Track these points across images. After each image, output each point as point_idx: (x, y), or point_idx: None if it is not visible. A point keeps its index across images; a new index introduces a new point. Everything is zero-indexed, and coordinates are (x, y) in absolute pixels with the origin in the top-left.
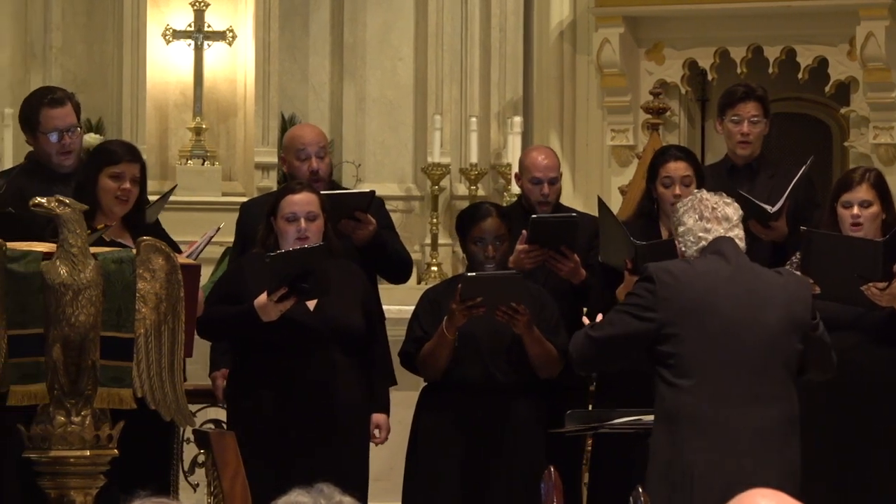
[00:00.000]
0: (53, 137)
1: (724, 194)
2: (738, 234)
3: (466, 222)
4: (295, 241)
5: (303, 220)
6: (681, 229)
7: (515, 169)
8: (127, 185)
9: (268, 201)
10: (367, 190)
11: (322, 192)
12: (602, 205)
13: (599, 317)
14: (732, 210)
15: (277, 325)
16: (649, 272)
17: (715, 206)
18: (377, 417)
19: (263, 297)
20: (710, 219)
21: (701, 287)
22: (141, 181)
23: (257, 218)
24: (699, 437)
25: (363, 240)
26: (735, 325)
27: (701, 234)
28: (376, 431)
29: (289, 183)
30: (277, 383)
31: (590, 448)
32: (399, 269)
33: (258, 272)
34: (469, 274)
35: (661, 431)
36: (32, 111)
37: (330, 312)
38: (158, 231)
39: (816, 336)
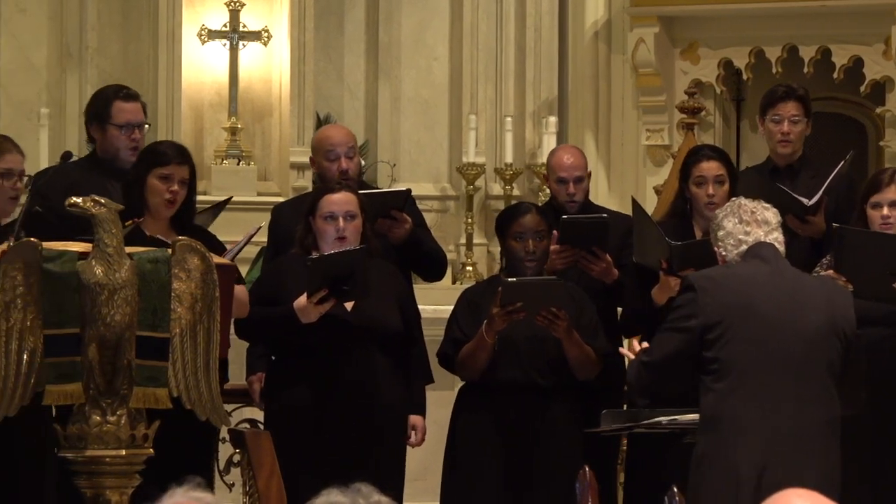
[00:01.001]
0: (125, 131)
1: (762, 201)
2: (777, 237)
3: (506, 219)
4: (333, 241)
5: (341, 220)
6: (720, 234)
7: None
8: (175, 186)
9: (300, 202)
10: (403, 188)
11: (359, 191)
12: (636, 205)
13: (644, 344)
14: (772, 214)
15: (316, 325)
16: (689, 281)
17: (754, 210)
18: (414, 419)
19: (303, 299)
20: (749, 222)
21: (740, 290)
22: (190, 183)
23: (290, 220)
24: (742, 438)
25: (399, 238)
26: (776, 326)
27: (741, 238)
28: (412, 433)
29: (328, 182)
30: (315, 383)
31: (625, 448)
32: (434, 267)
33: (297, 273)
34: (510, 279)
35: (705, 434)
36: (105, 103)
37: (368, 312)
38: (206, 233)
39: (854, 357)
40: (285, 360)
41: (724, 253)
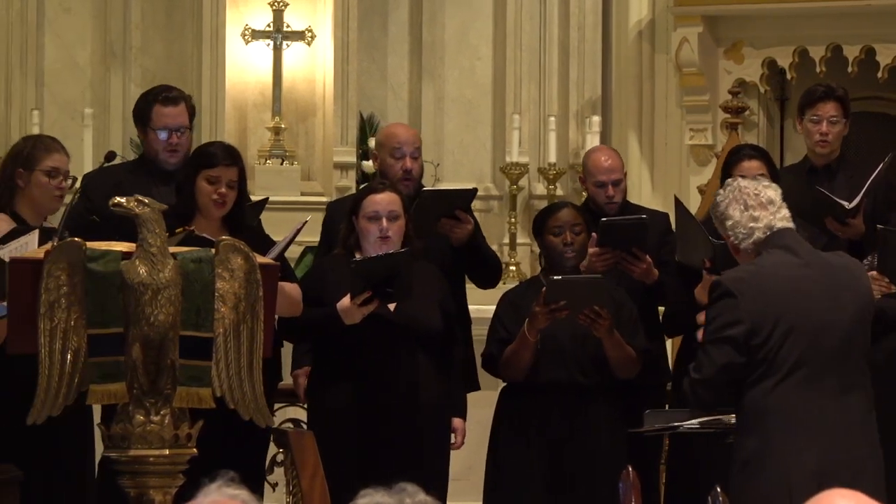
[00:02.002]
0: (162, 135)
1: (759, 178)
2: (785, 214)
3: (543, 217)
4: (376, 241)
5: (385, 220)
6: (728, 223)
7: None
8: (223, 188)
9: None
10: (470, 187)
11: (426, 188)
12: (679, 204)
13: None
14: (773, 191)
15: (358, 325)
16: (724, 287)
17: (756, 192)
18: (455, 421)
19: (346, 300)
20: (754, 206)
21: (774, 287)
22: (240, 184)
23: (344, 215)
24: (789, 431)
25: (461, 239)
26: (815, 318)
27: (751, 225)
28: (452, 435)
29: (371, 182)
30: (358, 382)
31: (667, 447)
32: (492, 273)
33: (340, 273)
34: (554, 277)
35: (749, 430)
36: (146, 106)
37: (410, 312)
38: (259, 232)
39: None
40: (328, 360)
41: (735, 242)
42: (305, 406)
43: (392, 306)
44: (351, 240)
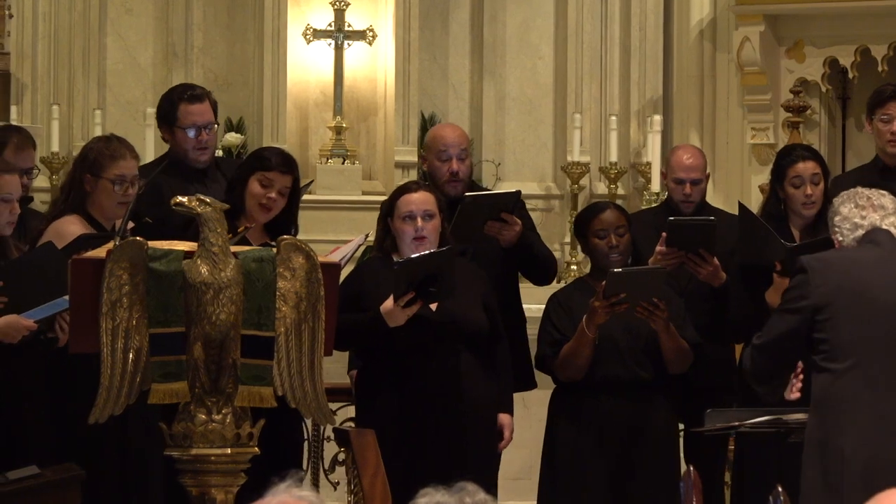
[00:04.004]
0: (191, 133)
1: (884, 192)
2: (893, 221)
3: (585, 219)
4: (412, 241)
5: (420, 219)
6: (837, 219)
7: (655, 168)
8: (273, 194)
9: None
10: (513, 190)
11: (469, 192)
12: (743, 208)
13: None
14: (888, 200)
15: (402, 326)
16: (801, 263)
17: (871, 195)
18: (501, 417)
19: (389, 302)
20: (865, 206)
21: (850, 272)
22: (291, 193)
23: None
24: (853, 420)
25: (509, 241)
26: (884, 309)
27: (857, 221)
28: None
29: (437, 182)
30: (404, 382)
31: (732, 448)
32: (545, 271)
33: (378, 276)
34: (615, 270)
35: (815, 416)
36: (172, 106)
37: (452, 311)
38: None
39: None
40: (373, 363)
41: (840, 238)
42: (355, 408)
43: (434, 305)
44: (387, 242)
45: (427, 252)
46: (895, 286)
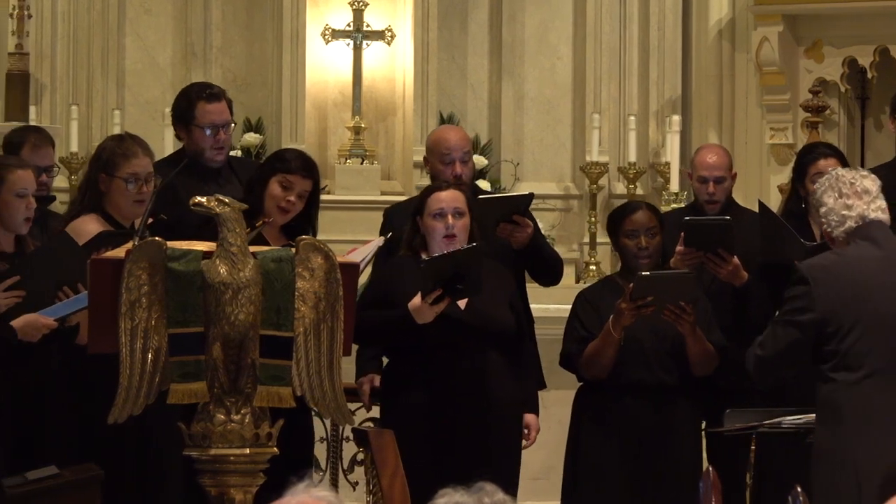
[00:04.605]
0: (209, 132)
1: (860, 168)
2: (880, 205)
3: (617, 218)
4: (442, 239)
5: (450, 217)
6: (822, 210)
7: (674, 168)
8: (293, 197)
9: (411, 204)
10: (526, 193)
11: (481, 195)
12: (763, 206)
13: None
14: (870, 182)
15: (429, 324)
16: (801, 273)
17: (853, 180)
18: (527, 418)
19: (418, 299)
20: (849, 195)
21: (854, 279)
22: (311, 197)
23: (402, 222)
24: (863, 429)
25: (522, 243)
26: (892, 313)
27: (844, 213)
28: (526, 432)
29: (436, 181)
30: (430, 382)
31: (753, 448)
32: (554, 272)
33: (407, 274)
34: (643, 273)
35: (825, 426)
36: (189, 105)
37: (480, 310)
38: None
39: None
40: (400, 361)
41: (828, 230)
42: (380, 406)
43: (462, 304)
44: (416, 241)
45: (453, 249)
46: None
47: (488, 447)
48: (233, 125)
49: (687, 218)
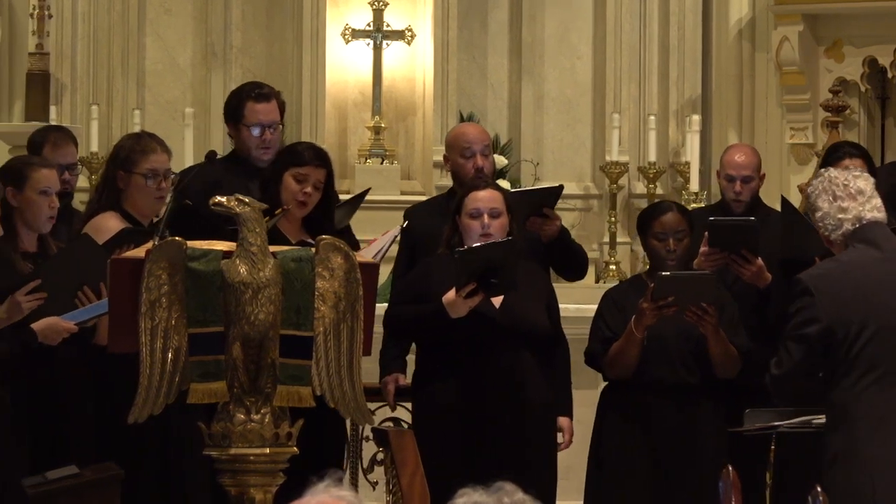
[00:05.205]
0: (255, 131)
1: (851, 167)
2: (875, 204)
3: (647, 219)
4: (478, 238)
5: (486, 216)
6: (818, 214)
7: (694, 167)
8: (309, 188)
9: (433, 204)
10: (556, 185)
11: (513, 189)
12: (786, 202)
13: None
14: (864, 182)
15: (464, 322)
16: (804, 285)
17: (846, 182)
18: (561, 420)
19: (452, 293)
20: (843, 197)
21: (856, 283)
22: (326, 187)
23: (423, 221)
24: (876, 430)
25: (551, 236)
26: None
27: (840, 217)
28: (559, 435)
29: (462, 180)
30: (463, 380)
31: (772, 448)
32: (580, 266)
33: (444, 272)
34: (664, 273)
35: (837, 429)
36: (239, 104)
37: (516, 311)
38: (346, 235)
39: None
40: (431, 357)
41: (825, 233)
42: (411, 402)
43: (497, 303)
44: (454, 240)
45: (488, 242)
46: None
47: (521, 449)
48: (281, 126)
49: (711, 218)
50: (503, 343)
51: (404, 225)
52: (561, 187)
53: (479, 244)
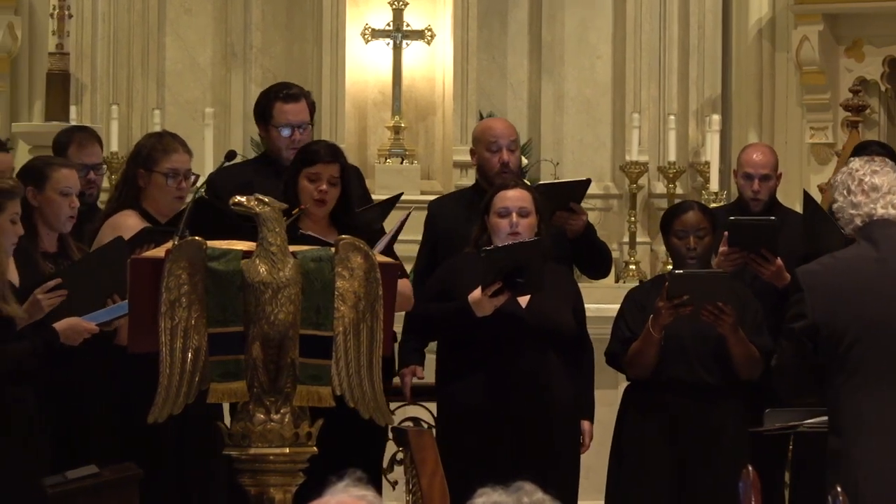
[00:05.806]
0: (284, 132)
1: (874, 160)
2: (890, 200)
3: (669, 218)
4: (506, 237)
5: (514, 215)
6: (834, 207)
7: (714, 167)
8: (324, 186)
9: (458, 197)
10: (584, 179)
11: (540, 182)
12: (809, 198)
13: None
14: (881, 178)
15: (490, 322)
16: (797, 281)
17: (863, 177)
18: (583, 424)
19: (477, 292)
20: (856, 192)
21: (847, 283)
22: (342, 181)
23: (448, 214)
24: (860, 435)
25: (577, 231)
26: (884, 319)
27: (852, 212)
28: (581, 438)
29: (487, 174)
30: (488, 380)
31: (791, 447)
32: (604, 264)
33: (471, 271)
34: (676, 271)
35: (831, 431)
36: (267, 104)
37: (543, 311)
38: (370, 231)
39: None
40: (458, 357)
41: (843, 226)
42: (426, 404)
43: (524, 303)
44: (482, 239)
45: (515, 241)
46: (890, 296)
47: (546, 450)
48: (310, 127)
49: (732, 218)
50: (529, 343)
51: (409, 214)
52: (589, 181)
53: (506, 243)
